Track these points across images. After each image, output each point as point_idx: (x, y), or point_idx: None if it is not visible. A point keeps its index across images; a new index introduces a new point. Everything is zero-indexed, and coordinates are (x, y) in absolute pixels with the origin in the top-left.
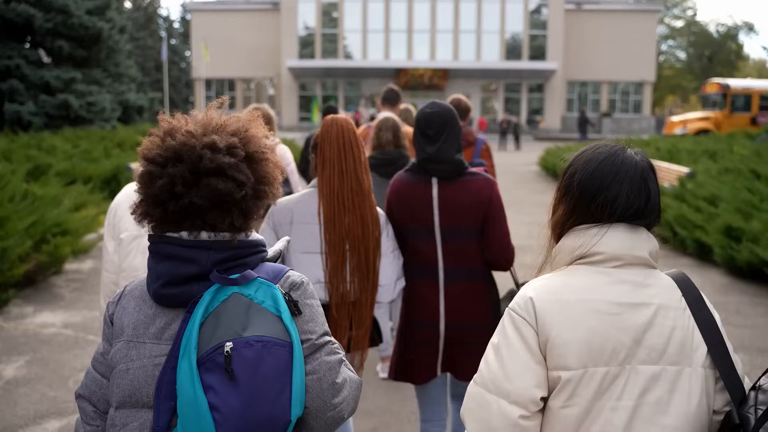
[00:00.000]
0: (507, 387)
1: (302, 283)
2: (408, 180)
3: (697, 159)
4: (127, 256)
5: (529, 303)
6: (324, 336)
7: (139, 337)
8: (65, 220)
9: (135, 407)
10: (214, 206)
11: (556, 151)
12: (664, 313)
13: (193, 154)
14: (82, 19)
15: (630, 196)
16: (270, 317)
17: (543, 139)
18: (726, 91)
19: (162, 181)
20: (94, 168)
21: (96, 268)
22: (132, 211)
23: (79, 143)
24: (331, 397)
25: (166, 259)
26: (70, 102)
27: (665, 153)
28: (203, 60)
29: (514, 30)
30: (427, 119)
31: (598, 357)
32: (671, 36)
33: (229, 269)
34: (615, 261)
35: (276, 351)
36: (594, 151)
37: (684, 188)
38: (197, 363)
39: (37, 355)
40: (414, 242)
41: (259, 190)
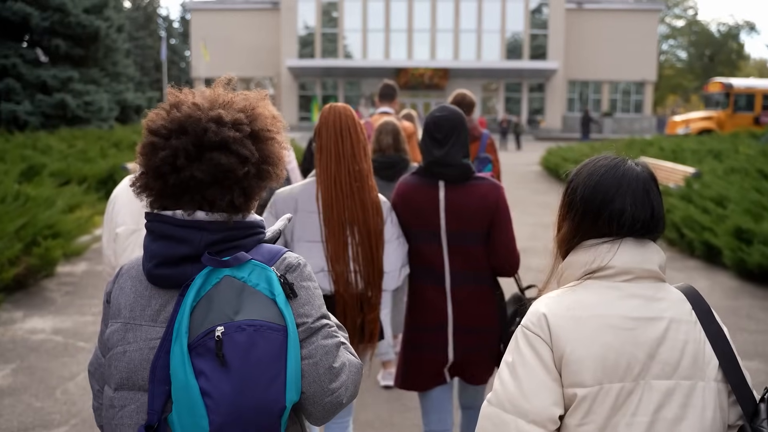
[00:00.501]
0: (525, 406)
1: (299, 265)
2: (414, 183)
3: (702, 159)
4: (124, 251)
5: (543, 319)
6: (321, 319)
7: (136, 319)
8: (58, 221)
9: (132, 389)
10: (215, 182)
11: (558, 151)
12: (677, 326)
13: (197, 126)
14: (79, 18)
15: (635, 209)
16: (264, 300)
17: (544, 139)
18: (729, 91)
19: (164, 153)
20: (89, 168)
21: (89, 270)
22: (131, 183)
23: (75, 143)
24: (329, 382)
25: (160, 238)
26: (67, 101)
27: (669, 153)
28: (203, 59)
29: (515, 29)
30: (437, 123)
31: (613, 373)
32: (672, 35)
33: (224, 251)
34: (625, 275)
35: (269, 335)
36: (594, 164)
37: (690, 189)
38: (189, 348)
39: (24, 363)
40: (419, 245)
41: (262, 169)
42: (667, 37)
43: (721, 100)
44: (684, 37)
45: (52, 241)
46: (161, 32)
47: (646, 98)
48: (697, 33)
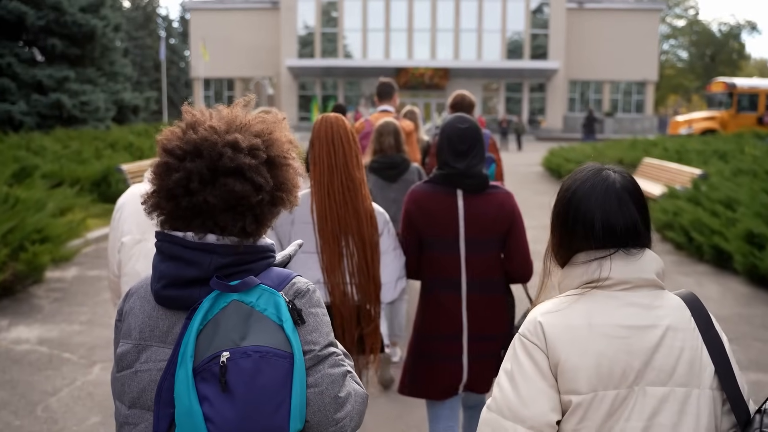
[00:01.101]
0: (523, 413)
1: (308, 291)
2: (431, 191)
3: (707, 160)
4: (129, 260)
5: (539, 327)
6: (328, 347)
7: (146, 340)
8: (47, 225)
9: (143, 409)
10: (228, 208)
11: (560, 152)
12: (673, 334)
13: (213, 150)
14: (75, 17)
15: (607, 219)
16: (271, 326)
17: (545, 139)
18: (732, 91)
19: (178, 175)
20: (83, 170)
21: (80, 276)
22: (143, 201)
23: (69, 144)
24: (334, 412)
25: (169, 259)
26: (62, 101)
27: (673, 153)
28: (202, 59)
29: (516, 29)
30: (460, 135)
31: (608, 380)
32: (673, 35)
33: (233, 274)
34: (623, 285)
35: (275, 362)
36: (573, 177)
37: (698, 191)
38: (194, 372)
39: (5, 376)
40: (436, 254)
41: (276, 196)
42: (668, 37)
43: (724, 100)
44: (685, 36)
45: (40, 246)
46: (161, 32)
47: (648, 98)
48: (698, 33)
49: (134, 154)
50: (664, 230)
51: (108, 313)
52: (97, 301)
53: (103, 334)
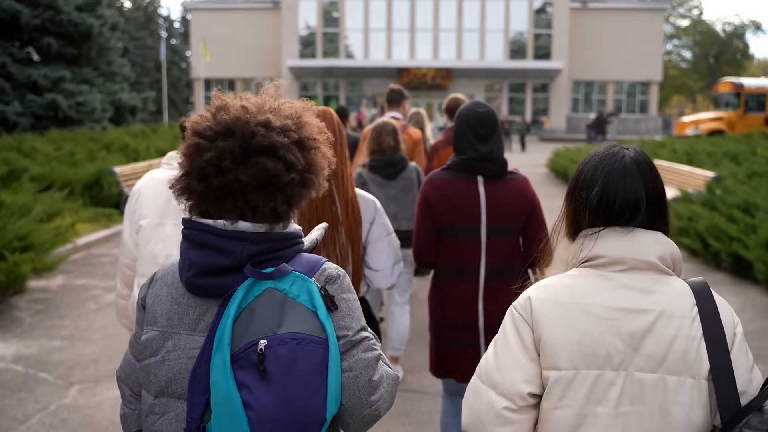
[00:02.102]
0: (497, 379)
1: (339, 276)
2: (451, 179)
3: (718, 162)
4: (147, 243)
5: (528, 302)
6: (361, 332)
7: (174, 328)
8: (31, 231)
9: (172, 397)
10: (260, 186)
11: (566, 153)
12: (667, 320)
13: (246, 129)
14: (71, 16)
15: (608, 191)
16: (305, 313)
17: (548, 140)
18: (739, 91)
19: (209, 154)
20: (74, 172)
21: (66, 285)
22: (171, 185)
23: (63, 145)
24: (368, 395)
25: (199, 247)
26: (58, 102)
27: (683, 155)
28: (203, 60)
29: (519, 29)
30: (480, 119)
31: (591, 360)
32: (676, 35)
33: (264, 262)
34: (618, 265)
35: (311, 349)
36: (589, 153)
37: (713, 195)
38: (231, 359)
39: None
40: (456, 241)
41: (306, 177)
42: (672, 37)
43: (731, 101)
44: (688, 36)
45: (20, 255)
46: (162, 32)
47: (652, 98)
48: (701, 33)
49: (129, 156)
50: (679, 236)
51: (92, 326)
52: (81, 314)
53: (84, 350)
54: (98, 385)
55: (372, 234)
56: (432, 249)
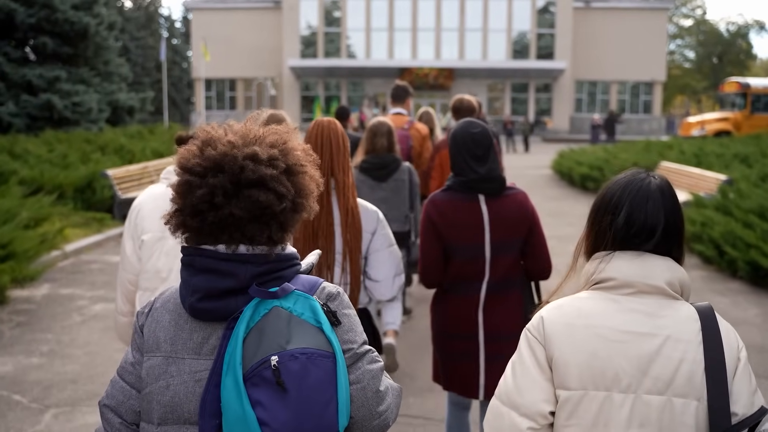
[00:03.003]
0: (518, 400)
1: (338, 294)
2: (452, 199)
3: (728, 164)
4: (150, 257)
5: (541, 323)
6: (364, 345)
7: (178, 353)
8: (15, 238)
9: (177, 423)
10: (254, 218)
11: (571, 154)
12: (673, 345)
13: (234, 164)
14: (67, 15)
15: (629, 215)
16: (311, 329)
17: (551, 141)
18: (746, 91)
19: (201, 191)
20: (65, 175)
21: (51, 295)
22: (165, 221)
23: (56, 146)
24: (376, 406)
25: (201, 272)
26: (53, 102)
27: (691, 157)
28: (203, 59)
29: (522, 28)
30: (475, 140)
31: (599, 381)
32: (679, 35)
33: (266, 282)
34: (627, 288)
35: (321, 362)
36: (615, 177)
37: (726, 199)
38: (243, 378)
39: None
40: (462, 260)
41: (297, 203)
42: (675, 37)
43: (738, 101)
44: (692, 36)
45: (1, 265)
46: (163, 32)
47: (655, 98)
48: (705, 32)
49: (124, 158)
50: (692, 242)
51: (74, 341)
52: (64, 326)
53: (63, 369)
54: (75, 409)
55: (373, 244)
56: (439, 269)
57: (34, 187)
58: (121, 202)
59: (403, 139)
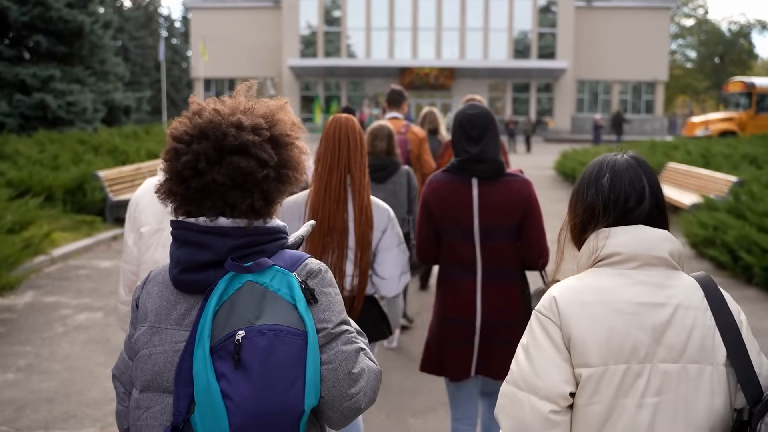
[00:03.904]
0: (537, 383)
1: (320, 271)
2: (447, 180)
3: (737, 165)
4: (147, 249)
5: (553, 303)
6: (341, 325)
7: (161, 323)
8: None
9: (157, 391)
10: (236, 185)
11: (574, 155)
12: (684, 312)
13: (218, 131)
14: (61, 13)
15: (612, 191)
16: (285, 305)
17: (552, 141)
18: (751, 90)
19: (186, 158)
20: (54, 177)
21: (34, 303)
22: (156, 190)
23: (48, 147)
24: (348, 387)
25: (184, 245)
26: (47, 102)
27: (698, 157)
28: (202, 59)
29: (523, 28)
30: (470, 121)
31: (618, 354)
32: (681, 35)
33: (246, 256)
34: (633, 261)
35: (289, 340)
36: (590, 162)
37: (739, 202)
38: (211, 350)
39: None
40: (452, 242)
41: (282, 173)
42: (676, 37)
43: (742, 101)
44: (693, 36)
45: None
46: (162, 32)
47: (657, 98)
48: (707, 32)
49: (118, 159)
50: (703, 247)
51: (54, 354)
52: (45, 338)
53: (39, 386)
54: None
55: (383, 242)
56: (432, 247)
57: (22, 189)
58: (113, 204)
59: (401, 144)
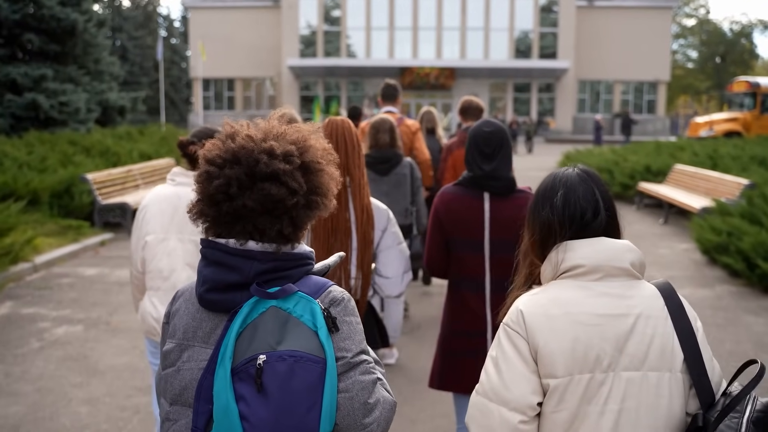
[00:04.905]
0: (506, 395)
1: (343, 299)
2: (459, 194)
3: (746, 167)
4: (153, 258)
5: (520, 316)
6: (360, 354)
7: (189, 340)
8: None
9: (184, 405)
10: (266, 211)
11: (577, 156)
12: (645, 321)
13: (250, 157)
14: (53, 11)
15: (569, 196)
16: (306, 332)
17: (554, 141)
18: (756, 90)
19: (218, 182)
20: (40, 179)
21: (11, 315)
22: (188, 210)
23: (38, 148)
24: (362, 417)
25: (212, 264)
26: (39, 102)
27: (705, 159)
28: (201, 59)
29: (524, 27)
30: (486, 138)
31: (582, 364)
32: (682, 35)
33: (272, 281)
34: (596, 273)
35: (308, 366)
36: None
37: (753, 206)
38: (232, 372)
39: None
40: (462, 254)
41: (311, 200)
42: (677, 37)
43: (747, 101)
44: (695, 36)
45: None
46: (162, 31)
47: (659, 98)
48: (708, 32)
49: (110, 161)
50: (716, 253)
51: (27, 373)
52: (18, 354)
53: (5, 411)
54: None
55: (384, 242)
56: (442, 260)
57: (6, 193)
58: (102, 208)
59: None
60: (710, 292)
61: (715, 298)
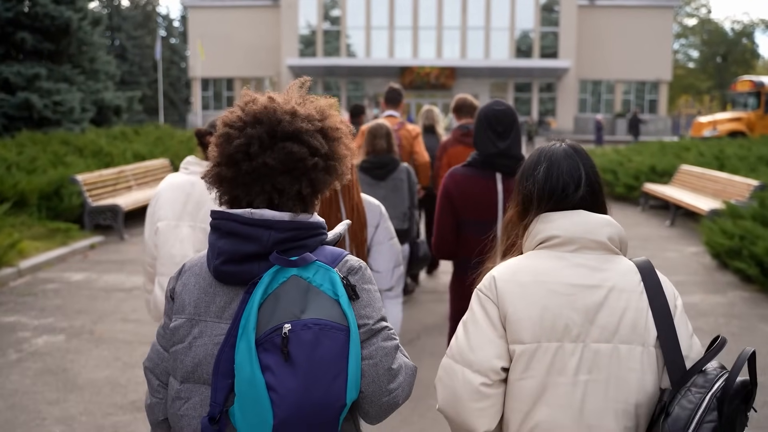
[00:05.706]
0: (471, 357)
1: (360, 268)
2: (470, 175)
3: (754, 167)
4: (164, 244)
5: (492, 282)
6: (381, 321)
7: (201, 315)
8: None
9: (197, 383)
10: (286, 170)
11: None
12: (617, 295)
13: (273, 117)
14: (47, 9)
15: (552, 170)
16: (328, 301)
17: None
18: (760, 90)
19: (239, 141)
20: (28, 181)
21: None
22: (203, 176)
23: (28, 149)
24: (387, 383)
25: (226, 235)
26: (32, 101)
27: (711, 159)
28: (200, 58)
29: (525, 27)
30: (497, 116)
31: (550, 333)
32: (683, 34)
33: (289, 250)
34: (571, 245)
35: (333, 334)
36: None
37: (765, 208)
38: (255, 343)
39: None
40: (472, 236)
41: (329, 165)
42: (679, 36)
43: (750, 101)
44: (696, 36)
45: None
46: (161, 31)
47: (661, 98)
48: (709, 32)
49: (102, 161)
50: (728, 258)
51: (2, 387)
52: None
53: None
54: None
55: (376, 237)
56: (451, 241)
57: None
58: (92, 210)
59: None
60: (723, 299)
61: (728, 305)
